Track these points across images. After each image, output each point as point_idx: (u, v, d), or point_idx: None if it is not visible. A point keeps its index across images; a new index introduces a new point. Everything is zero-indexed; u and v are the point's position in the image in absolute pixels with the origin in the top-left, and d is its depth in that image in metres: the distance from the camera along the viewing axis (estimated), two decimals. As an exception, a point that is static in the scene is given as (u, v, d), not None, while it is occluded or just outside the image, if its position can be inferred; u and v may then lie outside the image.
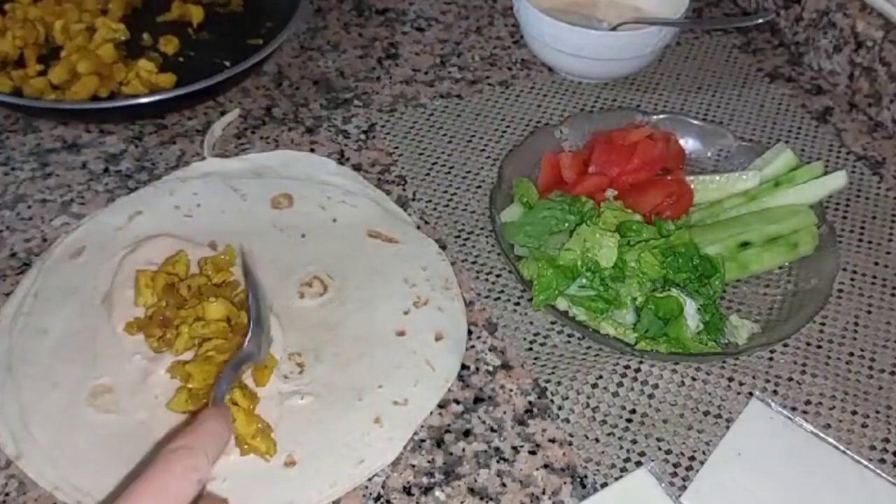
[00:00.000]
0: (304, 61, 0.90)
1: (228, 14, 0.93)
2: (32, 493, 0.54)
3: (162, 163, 0.77)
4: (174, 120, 0.81)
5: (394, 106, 0.85)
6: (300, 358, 0.62)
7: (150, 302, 0.63)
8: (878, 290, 0.70)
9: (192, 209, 0.72)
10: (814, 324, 0.66)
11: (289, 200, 0.73)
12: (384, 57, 0.91)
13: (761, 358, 0.64)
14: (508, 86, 0.88)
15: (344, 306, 0.65)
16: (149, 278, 0.63)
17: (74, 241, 0.69)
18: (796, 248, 0.68)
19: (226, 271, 0.65)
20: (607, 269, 0.63)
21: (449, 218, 0.74)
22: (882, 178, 0.80)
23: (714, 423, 0.60)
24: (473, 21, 0.97)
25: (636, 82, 0.89)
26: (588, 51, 0.83)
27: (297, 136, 0.81)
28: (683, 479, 0.57)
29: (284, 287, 0.66)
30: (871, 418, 0.61)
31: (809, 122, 0.86)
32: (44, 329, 0.62)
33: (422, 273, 0.68)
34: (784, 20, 0.95)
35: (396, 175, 0.78)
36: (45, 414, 0.57)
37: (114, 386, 0.59)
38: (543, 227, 0.66)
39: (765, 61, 0.93)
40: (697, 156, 0.78)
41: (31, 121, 0.80)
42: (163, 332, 0.60)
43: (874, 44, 0.84)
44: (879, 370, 0.64)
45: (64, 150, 0.78)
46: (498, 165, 0.75)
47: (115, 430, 0.57)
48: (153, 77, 0.82)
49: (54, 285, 0.65)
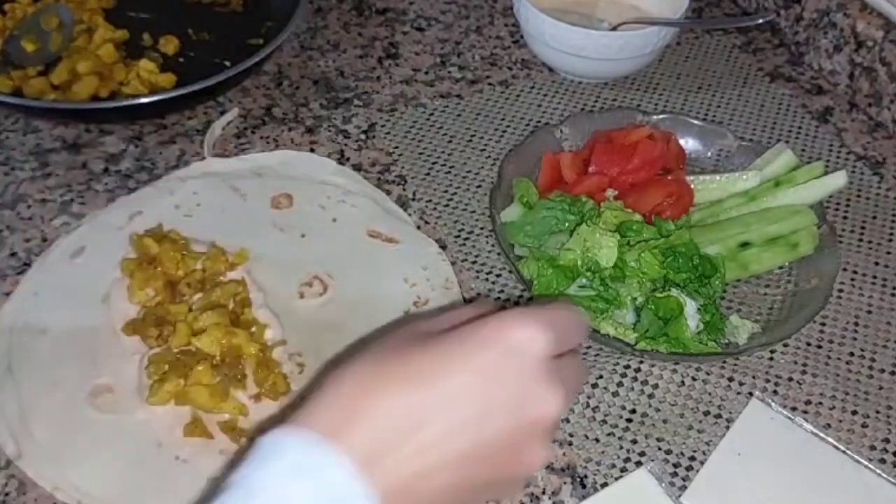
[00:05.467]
0: (304, 61, 0.90)
1: (228, 14, 0.93)
2: (32, 493, 0.54)
3: (162, 163, 0.77)
4: (174, 120, 0.81)
5: (394, 106, 0.85)
6: (300, 358, 0.62)
7: (144, 300, 0.63)
8: (878, 290, 0.70)
9: (192, 209, 0.72)
10: (814, 324, 0.66)
11: (289, 200, 0.73)
12: (384, 57, 0.91)
13: (761, 358, 0.64)
14: (508, 86, 0.88)
15: (344, 306, 0.65)
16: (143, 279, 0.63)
17: (74, 241, 0.69)
18: (796, 248, 0.68)
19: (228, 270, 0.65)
20: (607, 269, 0.63)
21: (449, 218, 0.74)
22: (882, 178, 0.80)
23: (714, 423, 0.60)
24: (473, 21, 0.97)
25: (636, 82, 0.89)
26: (588, 51, 0.83)
27: (297, 136, 0.81)
28: (683, 479, 0.57)
29: (284, 287, 0.66)
30: (871, 418, 0.61)
31: (810, 122, 0.86)
32: (44, 329, 0.62)
33: (422, 273, 0.68)
34: (784, 20, 0.95)
35: (396, 175, 0.78)
36: (45, 414, 0.57)
37: (114, 386, 0.59)
38: (543, 227, 0.66)
39: (765, 61, 0.93)
40: (697, 156, 0.78)
41: (31, 121, 0.80)
42: (159, 331, 0.60)
43: (874, 44, 0.84)
44: (880, 370, 0.64)
45: (64, 150, 0.78)
46: (498, 165, 0.75)
47: (115, 430, 0.57)
48: (153, 77, 0.82)
49: (54, 285, 0.65)
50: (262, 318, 0.63)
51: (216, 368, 0.58)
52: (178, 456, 0.56)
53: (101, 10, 0.89)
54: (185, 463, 0.55)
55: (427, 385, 0.38)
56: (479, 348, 0.39)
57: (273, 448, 0.37)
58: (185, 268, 0.65)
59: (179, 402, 0.58)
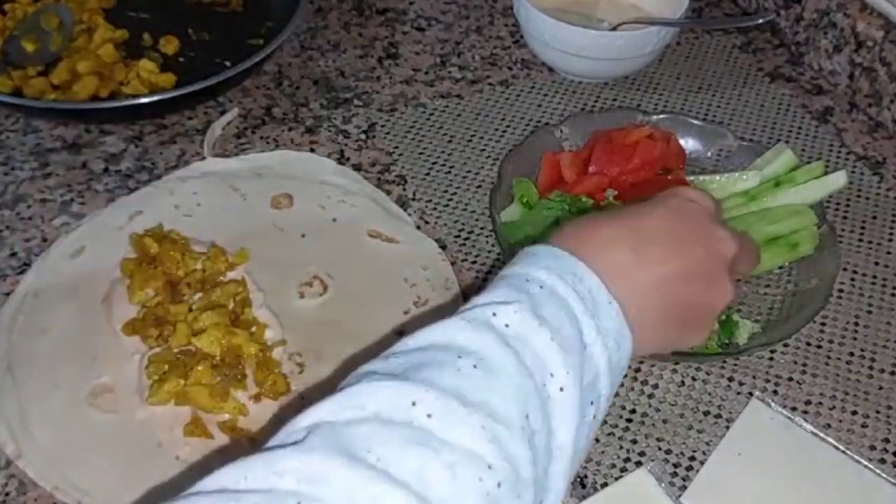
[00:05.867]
0: (304, 61, 0.90)
1: (228, 14, 0.93)
2: (32, 493, 0.54)
3: (162, 163, 0.77)
4: (174, 120, 0.81)
5: (394, 106, 0.85)
6: (300, 358, 0.62)
7: (144, 300, 0.63)
8: (878, 290, 0.70)
9: (192, 209, 0.72)
10: (814, 324, 0.66)
11: (289, 200, 0.73)
12: (384, 57, 0.91)
13: (761, 358, 0.64)
14: (509, 85, 0.88)
15: (344, 306, 0.65)
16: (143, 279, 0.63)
17: (74, 241, 0.69)
18: (796, 248, 0.68)
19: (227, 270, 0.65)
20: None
21: (449, 218, 0.74)
22: (882, 178, 0.80)
23: (714, 423, 0.60)
24: (473, 21, 0.97)
25: (636, 82, 0.89)
26: (588, 51, 0.83)
27: (297, 135, 0.81)
28: (683, 479, 0.57)
29: (284, 287, 0.66)
30: (871, 418, 0.61)
31: (810, 122, 0.86)
32: (44, 329, 0.62)
33: (422, 273, 0.68)
34: (784, 20, 0.95)
35: (396, 175, 0.78)
36: (45, 414, 0.57)
37: (114, 386, 0.59)
38: (543, 227, 0.66)
39: (765, 61, 0.93)
40: (697, 156, 0.77)
41: (31, 121, 0.80)
42: (159, 331, 0.60)
43: (874, 44, 0.84)
44: (880, 370, 0.64)
45: (64, 150, 0.78)
46: (498, 165, 0.75)
47: (115, 430, 0.57)
48: (153, 77, 0.82)
49: (54, 285, 0.65)
50: (262, 318, 0.63)
51: (216, 368, 0.58)
52: (178, 456, 0.56)
53: (101, 10, 0.89)
54: (185, 463, 0.55)
55: (637, 220, 0.48)
56: (664, 197, 0.50)
57: (530, 254, 0.44)
58: (185, 268, 0.65)
59: (179, 402, 0.58)
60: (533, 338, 0.40)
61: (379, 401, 0.36)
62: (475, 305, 0.41)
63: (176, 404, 0.58)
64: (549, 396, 0.39)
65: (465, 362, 0.38)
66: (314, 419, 0.36)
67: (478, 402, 0.36)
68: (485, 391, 0.37)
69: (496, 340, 0.39)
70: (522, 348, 0.39)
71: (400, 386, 0.36)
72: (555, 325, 0.40)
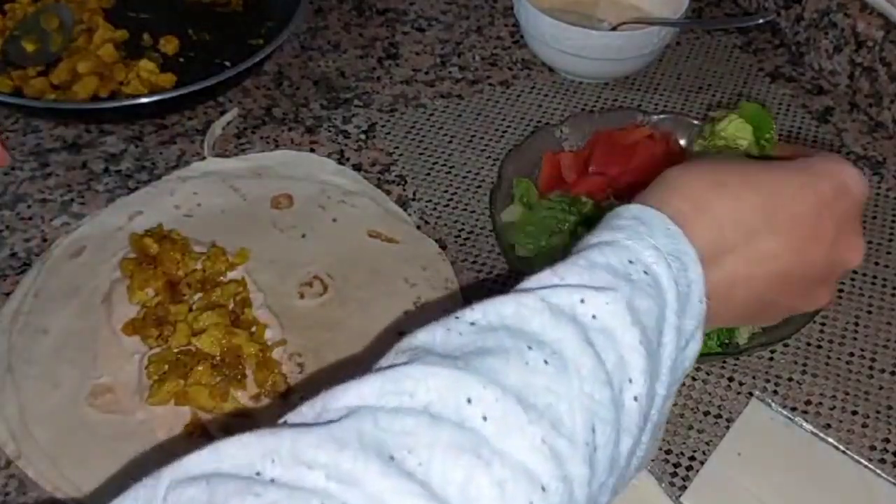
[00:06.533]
0: (305, 61, 0.90)
1: (228, 14, 0.93)
2: (32, 493, 0.54)
3: (162, 163, 0.77)
4: (174, 120, 0.81)
5: (394, 106, 0.85)
6: (300, 358, 0.62)
7: (144, 300, 0.63)
8: (878, 290, 0.70)
9: (192, 209, 0.72)
10: (814, 324, 0.66)
11: (289, 200, 0.73)
12: (384, 57, 0.91)
13: (761, 358, 0.64)
14: (509, 86, 0.88)
15: (344, 306, 0.65)
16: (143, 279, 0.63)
17: (74, 241, 0.69)
18: (796, 248, 0.68)
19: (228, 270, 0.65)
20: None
21: (449, 218, 0.74)
22: (882, 178, 0.80)
23: (714, 423, 0.60)
24: (474, 21, 0.97)
25: (636, 82, 0.89)
26: (588, 51, 0.83)
27: (297, 136, 0.81)
28: (683, 479, 0.57)
29: (284, 287, 0.66)
30: (871, 418, 0.61)
31: (810, 122, 0.86)
32: (44, 329, 0.62)
33: (422, 273, 0.68)
34: (785, 20, 0.95)
35: (396, 175, 0.78)
36: (45, 414, 0.57)
37: (114, 386, 0.59)
38: (544, 227, 0.66)
39: (765, 61, 0.93)
40: (697, 156, 0.77)
41: (31, 121, 0.80)
42: (159, 331, 0.60)
43: (875, 44, 0.84)
44: (880, 370, 0.64)
45: (64, 150, 0.78)
46: (498, 165, 0.75)
47: (115, 430, 0.57)
48: (153, 77, 0.82)
49: (54, 285, 0.65)
50: (262, 318, 0.63)
51: (216, 368, 0.58)
52: (178, 456, 0.56)
53: (101, 10, 0.89)
54: (185, 463, 0.55)
55: (775, 201, 0.41)
56: (818, 177, 0.42)
57: (640, 221, 0.39)
58: (185, 268, 0.65)
59: (179, 402, 0.58)
60: (622, 336, 0.35)
61: (430, 390, 0.32)
62: (561, 285, 0.36)
63: (176, 404, 0.58)
64: (623, 405, 0.35)
65: (536, 355, 0.33)
66: (356, 400, 0.32)
67: (542, 406, 0.32)
68: (552, 394, 0.33)
69: (577, 335, 0.34)
70: (606, 347, 0.35)
71: (457, 377, 0.32)
72: (645, 323, 0.36)
